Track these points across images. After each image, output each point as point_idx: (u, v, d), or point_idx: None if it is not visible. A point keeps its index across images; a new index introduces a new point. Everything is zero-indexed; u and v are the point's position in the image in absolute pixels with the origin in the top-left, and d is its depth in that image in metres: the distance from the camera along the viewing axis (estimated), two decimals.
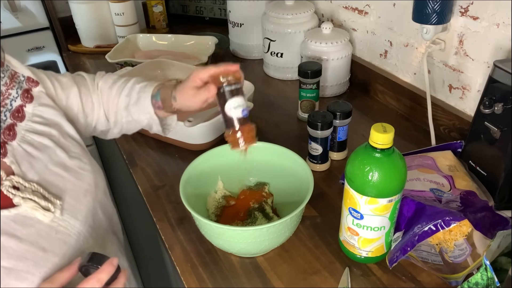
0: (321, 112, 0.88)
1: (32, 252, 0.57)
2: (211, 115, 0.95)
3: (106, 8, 1.45)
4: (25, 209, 0.58)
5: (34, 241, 0.58)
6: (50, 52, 1.51)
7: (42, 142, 0.66)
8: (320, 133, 0.87)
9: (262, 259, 0.74)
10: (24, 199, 0.58)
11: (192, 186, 0.75)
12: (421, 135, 1.01)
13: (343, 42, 1.12)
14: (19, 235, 0.57)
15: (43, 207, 0.59)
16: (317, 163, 0.91)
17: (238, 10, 1.35)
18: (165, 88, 0.75)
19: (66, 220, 0.62)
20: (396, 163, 0.62)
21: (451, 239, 0.69)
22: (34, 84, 0.70)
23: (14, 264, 0.55)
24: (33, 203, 0.59)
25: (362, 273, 0.70)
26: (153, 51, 1.39)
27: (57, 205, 0.61)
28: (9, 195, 0.58)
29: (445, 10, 0.86)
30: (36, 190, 0.61)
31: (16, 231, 0.57)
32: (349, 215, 0.67)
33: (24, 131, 0.65)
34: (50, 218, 0.60)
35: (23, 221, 0.58)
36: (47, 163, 0.65)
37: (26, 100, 0.67)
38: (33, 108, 0.67)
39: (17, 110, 0.65)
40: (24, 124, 0.65)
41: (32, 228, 0.58)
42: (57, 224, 0.61)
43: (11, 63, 0.69)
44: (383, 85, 1.14)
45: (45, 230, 0.59)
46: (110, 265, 0.57)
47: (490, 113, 0.74)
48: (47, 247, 0.58)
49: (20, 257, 0.56)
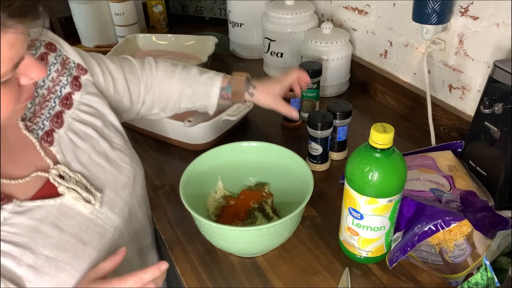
0: (321, 112, 0.88)
1: (72, 243, 0.57)
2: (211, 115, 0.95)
3: (106, 8, 1.45)
4: (68, 199, 0.58)
5: (75, 233, 0.58)
6: None
7: (86, 131, 0.65)
8: (320, 133, 0.87)
9: (262, 259, 0.74)
10: (68, 189, 0.59)
11: (192, 186, 0.75)
12: (421, 135, 1.01)
13: (343, 42, 1.12)
14: (61, 226, 0.57)
15: (84, 198, 0.60)
16: (317, 163, 0.91)
17: (238, 10, 1.35)
18: (236, 81, 0.80)
19: (104, 213, 0.62)
20: (396, 163, 0.62)
21: (451, 239, 0.69)
22: (83, 72, 0.69)
23: (56, 254, 0.55)
24: (76, 194, 0.59)
25: (362, 273, 0.70)
26: (153, 51, 1.39)
27: (97, 197, 0.61)
28: (55, 183, 0.59)
29: (445, 10, 0.86)
30: (79, 180, 0.61)
31: (59, 221, 0.57)
32: (349, 215, 0.67)
33: (71, 119, 0.64)
34: (90, 210, 0.60)
35: (66, 212, 0.58)
36: (90, 153, 0.64)
37: (75, 87, 0.66)
38: (80, 96, 0.67)
39: (66, 97, 0.65)
40: (71, 112, 0.65)
41: (73, 219, 0.59)
42: (96, 216, 0.61)
43: (63, 47, 0.68)
44: (383, 85, 1.14)
45: (85, 222, 0.60)
46: (157, 269, 0.56)
47: (490, 113, 0.74)
48: (86, 240, 0.59)
49: (61, 247, 0.56)
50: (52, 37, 0.67)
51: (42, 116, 0.62)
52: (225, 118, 0.96)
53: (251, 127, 1.09)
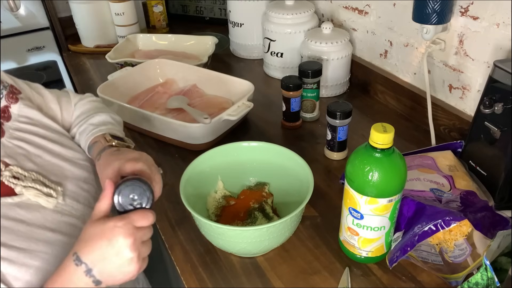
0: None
1: (41, 233, 0.58)
2: (211, 115, 0.95)
3: (106, 8, 1.45)
4: (27, 197, 0.59)
5: (41, 224, 0.59)
6: (50, 52, 1.51)
7: (31, 139, 0.66)
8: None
9: (262, 259, 0.74)
10: (25, 188, 0.59)
11: (192, 186, 0.75)
12: (421, 135, 1.01)
13: (343, 42, 1.12)
14: (26, 220, 0.58)
15: (45, 193, 0.60)
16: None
17: (238, 10, 1.35)
18: (97, 147, 0.69)
19: (68, 204, 0.63)
20: (396, 163, 0.62)
21: (451, 239, 0.69)
22: (17, 91, 0.70)
23: (27, 245, 0.56)
24: (35, 191, 0.60)
25: (362, 273, 0.70)
26: (153, 51, 1.39)
27: (58, 191, 0.62)
28: (10, 185, 0.59)
29: (445, 10, 0.86)
30: (36, 178, 0.61)
31: (22, 216, 0.58)
32: (349, 215, 0.67)
33: (12, 130, 0.65)
34: (53, 204, 0.61)
35: (28, 207, 0.59)
36: (42, 155, 0.65)
37: (11, 100, 0.68)
38: (18, 109, 0.68)
39: (3, 110, 0.66)
40: (11, 124, 0.66)
41: (37, 213, 0.59)
42: (60, 209, 0.62)
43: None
44: (383, 85, 1.14)
45: (50, 214, 0.61)
46: (145, 219, 0.53)
47: (490, 113, 0.74)
48: (55, 228, 0.60)
49: (30, 238, 0.57)
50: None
51: None
52: (225, 118, 0.96)
53: (251, 127, 1.09)
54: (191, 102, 1.10)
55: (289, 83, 1.00)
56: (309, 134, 1.05)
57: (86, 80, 1.34)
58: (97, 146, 0.69)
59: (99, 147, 0.68)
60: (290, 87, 1.01)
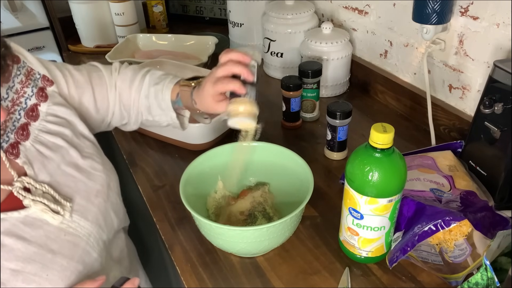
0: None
1: (40, 254, 0.57)
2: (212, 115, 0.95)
3: (106, 8, 1.45)
4: (34, 211, 0.58)
5: (43, 243, 0.57)
6: (50, 52, 1.51)
7: (55, 142, 0.65)
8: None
9: (262, 259, 0.74)
10: (34, 201, 0.58)
11: (192, 186, 0.75)
12: (421, 135, 1.01)
13: (343, 42, 1.12)
14: (28, 237, 0.56)
15: (52, 209, 0.59)
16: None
17: (238, 10, 1.35)
18: (183, 92, 0.73)
19: (75, 221, 0.62)
20: (396, 163, 0.62)
21: (451, 239, 0.69)
22: (49, 83, 0.68)
23: (22, 266, 0.55)
24: (42, 206, 0.58)
25: (362, 273, 0.70)
26: (153, 51, 1.39)
27: (67, 207, 0.61)
28: (20, 196, 0.58)
29: (445, 10, 0.86)
30: (46, 191, 0.60)
31: (25, 233, 0.57)
32: (349, 215, 0.67)
33: (37, 131, 0.64)
34: (59, 221, 0.59)
35: (32, 223, 0.58)
36: (59, 163, 0.64)
37: (41, 98, 0.66)
38: (47, 107, 0.66)
39: (32, 109, 0.64)
40: (38, 123, 0.64)
41: (41, 230, 0.58)
42: (66, 225, 0.60)
43: (27, 59, 0.67)
44: (383, 85, 1.14)
45: (54, 232, 0.59)
46: (131, 285, 0.58)
47: (490, 113, 0.74)
48: (55, 249, 0.58)
49: (28, 259, 0.55)
50: (16, 48, 0.67)
51: (7, 129, 0.61)
52: (225, 118, 0.96)
53: None
54: None
55: (289, 83, 1.00)
56: (309, 134, 1.06)
57: None
58: (185, 93, 0.72)
59: (187, 92, 0.72)
60: (290, 87, 1.01)
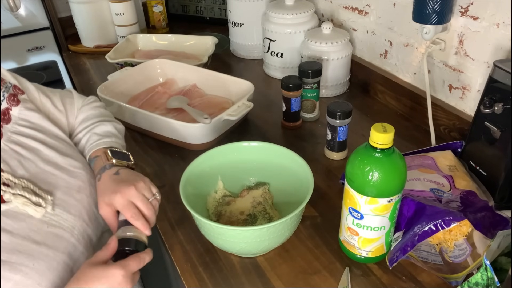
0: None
1: (25, 245, 0.58)
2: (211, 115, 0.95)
3: (106, 8, 1.45)
4: (15, 205, 0.59)
5: (26, 235, 0.58)
6: (50, 52, 1.51)
7: (29, 143, 0.66)
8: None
9: (262, 259, 0.74)
10: (14, 195, 0.59)
11: (192, 186, 0.75)
12: (421, 135, 1.01)
13: (343, 42, 1.12)
14: (10, 229, 0.58)
15: (34, 202, 0.60)
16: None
17: (238, 10, 1.35)
18: (98, 163, 0.71)
19: (58, 214, 0.62)
20: (396, 163, 0.62)
21: (451, 239, 0.69)
22: (20, 92, 0.70)
23: (7, 257, 0.56)
24: (24, 199, 0.59)
25: (362, 273, 0.70)
26: (153, 51, 1.39)
27: (48, 200, 0.62)
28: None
29: (445, 10, 0.86)
30: (26, 186, 0.61)
31: (7, 225, 0.58)
32: (349, 215, 0.67)
33: (10, 133, 0.65)
34: (41, 214, 0.60)
35: (14, 216, 0.59)
36: (36, 161, 0.65)
37: (12, 103, 0.67)
38: (19, 111, 0.68)
39: (3, 112, 0.66)
40: (10, 126, 0.66)
41: (23, 222, 0.59)
42: (48, 218, 0.61)
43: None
44: (383, 85, 1.14)
45: (37, 224, 0.60)
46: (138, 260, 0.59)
47: (490, 113, 0.74)
48: (39, 240, 0.59)
49: (12, 250, 0.56)
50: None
51: None
52: (225, 118, 0.96)
53: (251, 127, 1.09)
54: (191, 102, 1.10)
55: (289, 83, 1.00)
56: (309, 134, 1.06)
57: (86, 80, 1.34)
58: (98, 162, 0.71)
59: (100, 164, 0.70)
60: (290, 87, 1.01)
